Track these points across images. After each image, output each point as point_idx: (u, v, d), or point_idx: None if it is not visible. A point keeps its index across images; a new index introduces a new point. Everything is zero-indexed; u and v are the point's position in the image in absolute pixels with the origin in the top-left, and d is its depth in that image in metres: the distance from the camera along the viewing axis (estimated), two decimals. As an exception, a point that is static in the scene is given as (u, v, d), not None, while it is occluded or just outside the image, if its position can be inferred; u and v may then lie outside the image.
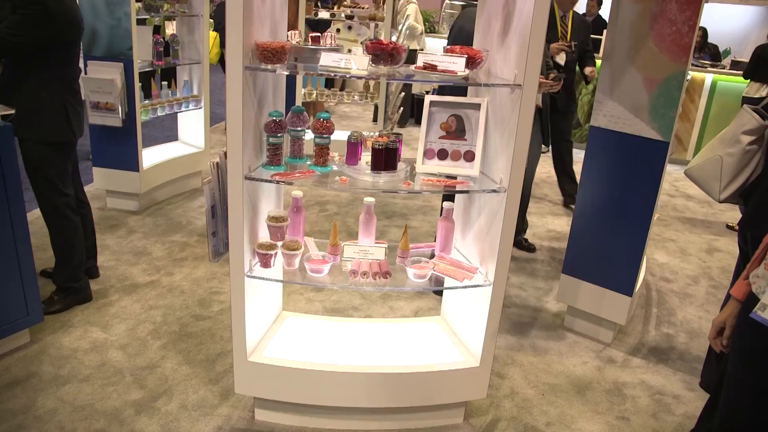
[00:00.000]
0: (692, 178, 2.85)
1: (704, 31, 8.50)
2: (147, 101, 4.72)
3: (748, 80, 6.52)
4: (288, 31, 2.49)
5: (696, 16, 2.89)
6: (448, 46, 2.34)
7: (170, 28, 4.92)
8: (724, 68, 7.96)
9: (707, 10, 5.55)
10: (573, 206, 5.05)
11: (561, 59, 4.74)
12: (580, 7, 9.43)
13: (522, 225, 4.59)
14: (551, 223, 5.19)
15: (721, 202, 2.73)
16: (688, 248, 5.02)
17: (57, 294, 3.33)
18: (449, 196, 2.99)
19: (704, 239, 5.27)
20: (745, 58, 7.59)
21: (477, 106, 2.37)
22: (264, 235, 2.53)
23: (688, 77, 3.15)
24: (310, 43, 2.30)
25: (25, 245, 2.86)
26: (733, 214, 5.92)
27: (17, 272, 2.85)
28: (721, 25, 8.86)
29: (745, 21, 9.78)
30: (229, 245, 2.34)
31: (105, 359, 2.93)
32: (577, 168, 5.36)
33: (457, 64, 2.14)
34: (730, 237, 5.39)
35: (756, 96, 6.37)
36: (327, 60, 2.12)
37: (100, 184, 4.70)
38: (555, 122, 5.10)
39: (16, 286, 2.86)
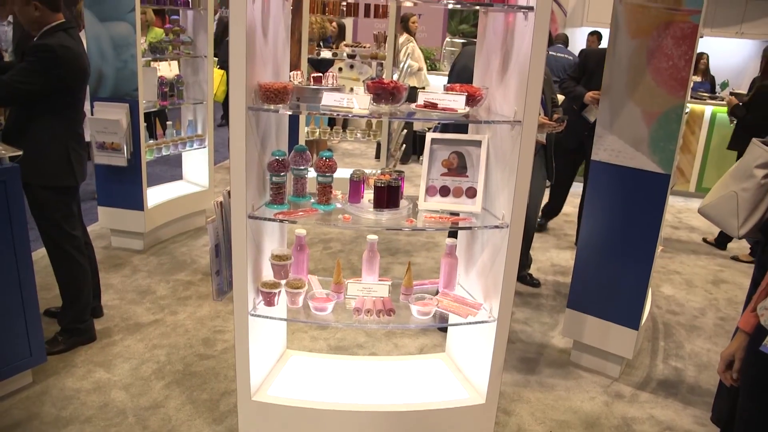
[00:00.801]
0: (708, 216, 2.83)
1: (707, 56, 8.57)
2: (152, 141, 4.78)
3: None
4: (291, 71, 2.54)
5: (692, 51, 2.93)
6: (449, 84, 2.38)
7: (170, 67, 4.99)
8: (722, 100, 8.03)
9: (704, 43, 5.63)
10: None
11: (541, 137, 4.42)
12: (581, 43, 9.58)
13: (526, 260, 4.58)
14: (555, 258, 5.18)
15: (740, 238, 2.71)
16: (693, 280, 5.00)
17: (61, 335, 3.32)
18: (452, 233, 2.99)
19: (709, 271, 5.25)
20: (743, 90, 7.67)
21: (478, 143, 2.39)
22: (268, 274, 2.53)
23: (687, 110, 3.18)
24: (312, 83, 2.34)
25: (30, 286, 2.86)
26: (738, 245, 5.91)
27: (21, 313, 2.85)
28: (719, 59, 8.97)
29: (742, 54, 9.90)
30: (232, 284, 2.34)
31: (108, 400, 2.91)
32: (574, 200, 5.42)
33: (457, 102, 2.17)
34: (735, 268, 5.37)
35: None
36: (329, 100, 2.15)
37: (105, 223, 4.72)
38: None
39: (20, 326, 2.86)
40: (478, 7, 2.44)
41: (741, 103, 5.53)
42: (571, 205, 6.64)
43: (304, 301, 2.47)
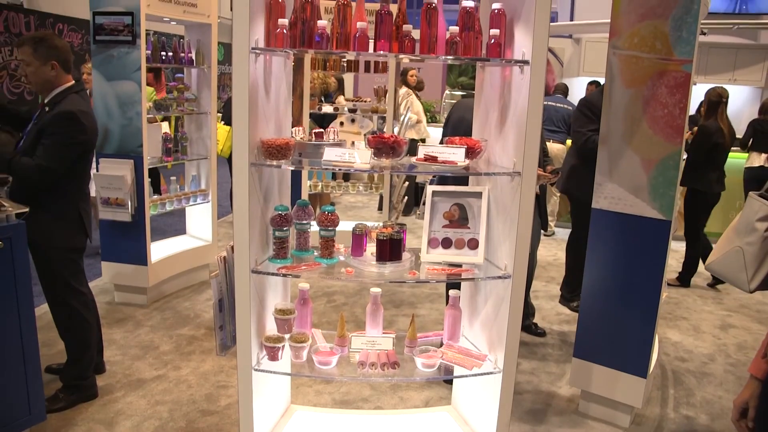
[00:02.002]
0: (716, 272, 2.83)
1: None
2: (156, 196, 4.83)
3: (747, 152, 6.67)
4: (293, 126, 2.59)
5: (686, 99, 2.98)
6: (448, 137, 2.42)
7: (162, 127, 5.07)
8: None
9: (700, 89, 5.73)
10: None
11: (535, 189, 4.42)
12: (580, 92, 9.74)
13: (528, 309, 4.56)
14: (560, 307, 5.15)
15: (752, 291, 2.70)
16: (701, 326, 4.95)
17: (62, 392, 3.29)
18: (455, 284, 3.00)
19: (717, 316, 5.20)
20: (740, 134, 7.75)
21: (479, 195, 2.42)
22: (271, 328, 2.52)
23: (685, 156, 3.22)
24: (313, 138, 2.39)
25: (32, 342, 2.84)
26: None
27: (22, 370, 2.82)
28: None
29: (739, 100, 10.06)
30: (236, 338, 2.34)
31: (110, 461, 2.86)
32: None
33: (456, 155, 2.21)
34: (743, 313, 5.32)
35: (756, 165, 6.50)
36: (330, 155, 2.19)
37: (109, 278, 4.73)
38: None
39: (20, 384, 2.82)
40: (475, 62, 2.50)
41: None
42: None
43: (308, 355, 2.46)
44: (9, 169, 2.93)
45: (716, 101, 5.52)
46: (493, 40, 2.27)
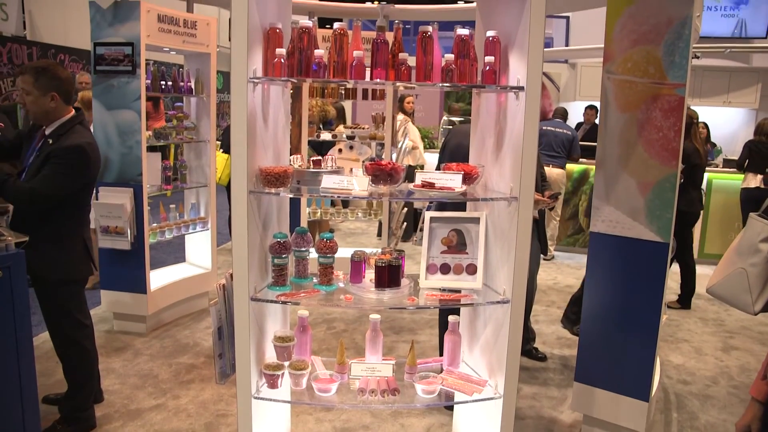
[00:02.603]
0: (718, 295, 2.81)
1: (706, 125, 8.74)
2: (155, 224, 4.84)
3: (743, 173, 6.72)
4: (291, 154, 2.61)
5: (680, 122, 3.01)
6: (445, 163, 2.44)
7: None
8: (717, 166, 8.16)
9: (698, 113, 5.78)
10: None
11: (534, 212, 4.32)
12: (577, 117, 9.83)
13: (528, 334, 4.54)
14: (560, 331, 5.13)
15: (756, 314, 2.69)
16: (703, 348, 4.93)
17: (61, 423, 3.26)
18: (454, 310, 2.99)
19: (719, 338, 5.18)
20: (736, 156, 7.82)
21: (476, 220, 2.43)
22: (271, 356, 2.52)
23: (682, 179, 3.25)
24: (312, 166, 2.41)
25: (30, 373, 2.81)
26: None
27: (18, 401, 2.79)
28: (711, 128, 9.17)
29: (735, 122, 10.14)
30: (235, 366, 2.33)
31: (108, 493, 2.82)
32: (573, 272, 5.39)
33: (454, 181, 2.22)
34: (745, 334, 5.30)
35: (753, 186, 6.54)
36: (328, 182, 2.21)
37: (108, 306, 4.72)
38: None
39: (17, 416, 2.79)
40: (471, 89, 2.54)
41: None
42: (573, 277, 6.63)
43: (307, 383, 2.45)
44: (1, 188, 2.91)
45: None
46: (488, 67, 2.31)
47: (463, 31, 2.32)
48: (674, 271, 3.36)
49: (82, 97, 5.24)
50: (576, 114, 9.99)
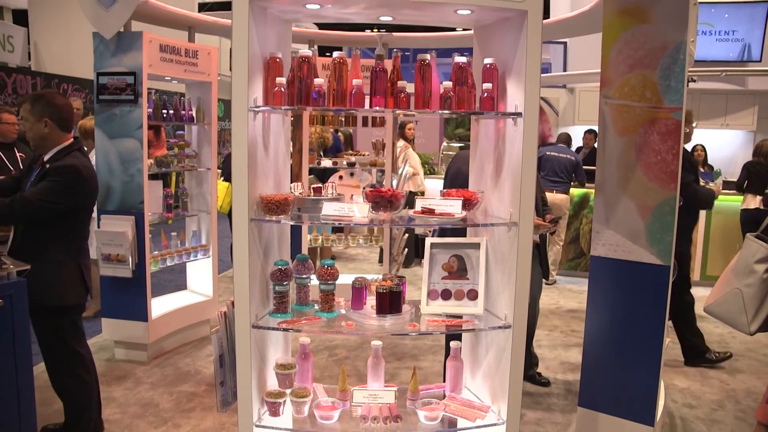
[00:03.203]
0: (715, 315, 2.82)
1: (703, 147, 8.78)
2: (156, 252, 4.84)
3: (743, 195, 6.74)
4: (292, 182, 2.63)
5: (678, 145, 3.03)
6: (445, 189, 2.46)
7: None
8: (716, 188, 8.17)
9: (695, 135, 5.82)
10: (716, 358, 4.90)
11: (535, 237, 4.27)
12: (577, 141, 9.87)
13: (530, 359, 4.51)
14: (563, 355, 5.10)
15: (752, 334, 2.68)
16: (708, 371, 4.89)
17: (60, 454, 3.23)
18: (456, 335, 2.99)
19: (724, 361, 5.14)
20: (735, 178, 7.85)
21: (477, 246, 2.44)
22: (273, 383, 2.51)
23: (681, 202, 3.26)
24: (312, 193, 2.42)
25: (29, 403, 2.80)
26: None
27: (17, 431, 2.77)
28: (710, 150, 9.23)
29: (733, 144, 10.19)
30: (237, 394, 2.32)
31: None
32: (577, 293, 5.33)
33: (454, 207, 2.24)
34: (750, 357, 5.26)
35: (752, 207, 6.55)
36: (329, 209, 2.22)
37: (109, 335, 4.70)
38: None
39: (16, 446, 2.78)
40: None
41: None
42: (575, 301, 6.61)
43: (309, 410, 2.44)
44: None
45: None
46: (486, 94, 2.34)
47: (461, 59, 2.35)
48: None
49: (81, 126, 5.29)
50: (575, 138, 10.05)
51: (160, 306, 4.95)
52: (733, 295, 2.71)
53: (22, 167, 4.91)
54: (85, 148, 3.39)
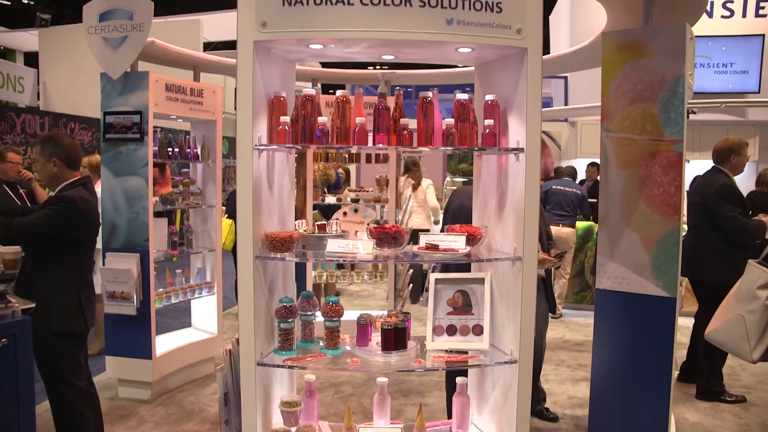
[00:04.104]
0: (716, 342, 2.79)
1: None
2: (161, 289, 4.84)
3: None
4: (297, 218, 2.64)
5: (680, 177, 3.05)
6: (448, 225, 2.47)
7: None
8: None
9: (696, 166, 5.85)
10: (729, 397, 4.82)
11: (541, 271, 4.14)
12: (580, 173, 9.88)
13: (538, 394, 4.46)
14: (571, 390, 5.04)
15: (755, 362, 2.65)
16: (719, 404, 4.81)
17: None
18: (462, 371, 2.96)
19: (736, 392, 5.06)
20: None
21: (481, 281, 2.44)
22: (278, 421, 2.48)
23: (685, 233, 3.26)
24: (317, 230, 2.43)
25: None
26: (764, 365, 5.74)
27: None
28: (712, 180, 9.24)
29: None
30: (242, 435, 2.30)
31: None
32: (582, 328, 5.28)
33: (457, 242, 2.25)
34: (763, 389, 5.18)
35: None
36: (333, 246, 2.23)
37: (112, 373, 4.67)
38: None
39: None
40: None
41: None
42: (582, 335, 6.55)
43: (315, 450, 2.41)
44: None
45: None
46: (488, 130, 2.36)
47: (462, 96, 2.38)
48: (682, 325, 3.31)
49: (89, 162, 5.36)
50: (579, 171, 10.09)
51: (164, 343, 4.93)
52: (735, 321, 2.69)
53: (28, 203, 5.01)
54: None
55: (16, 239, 3.08)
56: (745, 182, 9.94)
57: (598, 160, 8.13)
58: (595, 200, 4.66)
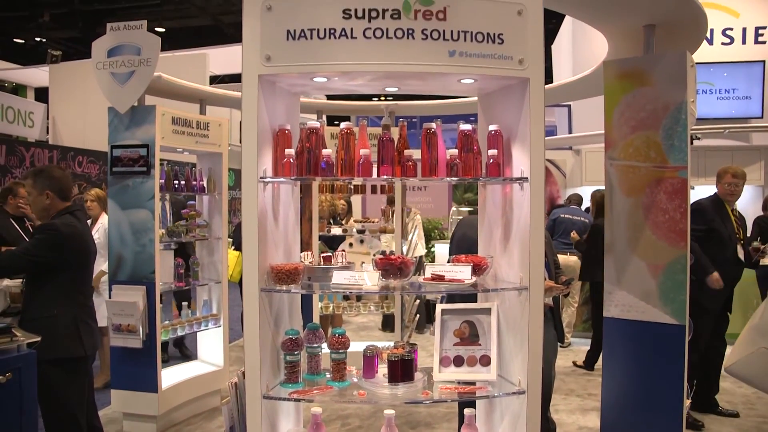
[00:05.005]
0: (739, 376, 2.74)
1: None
2: (167, 321, 4.83)
3: None
4: (302, 250, 2.65)
5: (685, 204, 3.05)
6: (454, 255, 2.47)
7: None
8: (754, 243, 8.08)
9: (701, 192, 5.84)
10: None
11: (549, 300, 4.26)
12: (585, 201, 9.87)
13: (548, 424, 4.39)
14: (581, 420, 4.97)
15: None
16: (732, 433, 4.73)
17: None
18: (469, 402, 2.93)
19: (752, 422, 4.97)
20: (747, 233, 7.80)
21: (488, 311, 2.43)
22: (284, 456, 2.45)
23: (692, 260, 3.24)
24: (322, 262, 2.43)
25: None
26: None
27: None
28: (720, 206, 9.22)
29: (741, 199, 10.14)
30: (248, 470, 2.27)
31: None
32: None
33: (463, 273, 2.24)
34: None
35: None
36: (339, 278, 2.23)
37: (118, 406, 4.63)
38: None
39: None
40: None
41: (581, 239, 6.43)
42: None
43: (322, 485, 2.37)
44: None
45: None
46: (492, 160, 2.37)
47: (465, 127, 2.40)
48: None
49: (96, 195, 5.41)
50: (585, 198, 10.09)
51: (170, 376, 4.90)
52: (758, 355, 2.64)
53: None
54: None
55: (5, 270, 3.22)
56: (750, 207, 9.91)
57: (602, 188, 8.12)
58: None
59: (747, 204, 10.42)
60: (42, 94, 12.55)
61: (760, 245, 5.11)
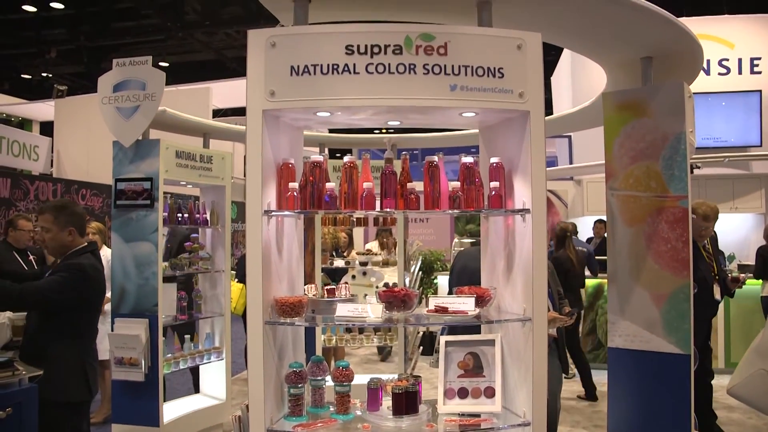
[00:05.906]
0: (739, 397, 2.74)
1: (714, 233, 8.71)
2: (170, 354, 4.80)
3: (760, 280, 6.65)
4: (306, 282, 2.65)
5: (687, 233, 3.05)
6: (455, 287, 2.47)
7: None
8: (731, 272, 8.07)
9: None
10: None
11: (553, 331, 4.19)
12: (587, 232, 9.89)
13: (555, 455, 4.33)
14: (588, 450, 4.91)
15: None
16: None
17: None
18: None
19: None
20: (750, 261, 7.79)
21: (491, 342, 2.43)
22: (288, 491, 2.42)
23: (695, 289, 3.24)
24: (326, 294, 2.44)
25: None
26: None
27: None
28: (722, 234, 9.22)
29: (742, 228, 10.17)
30: (252, 506, 2.24)
31: None
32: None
33: (467, 304, 2.25)
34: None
35: None
36: (343, 310, 2.24)
37: (119, 442, 4.59)
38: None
39: None
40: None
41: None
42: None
43: None
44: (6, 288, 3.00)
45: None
46: (493, 192, 2.40)
47: (467, 159, 2.43)
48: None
49: (98, 228, 5.43)
50: (586, 228, 10.08)
51: (172, 410, 4.85)
52: (758, 376, 2.63)
53: (36, 268, 5.03)
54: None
55: (27, 305, 3.11)
56: (754, 235, 9.91)
57: (605, 217, 8.13)
58: (604, 257, 4.64)
59: (749, 231, 10.43)
60: (47, 128, 12.69)
61: (739, 275, 5.11)
